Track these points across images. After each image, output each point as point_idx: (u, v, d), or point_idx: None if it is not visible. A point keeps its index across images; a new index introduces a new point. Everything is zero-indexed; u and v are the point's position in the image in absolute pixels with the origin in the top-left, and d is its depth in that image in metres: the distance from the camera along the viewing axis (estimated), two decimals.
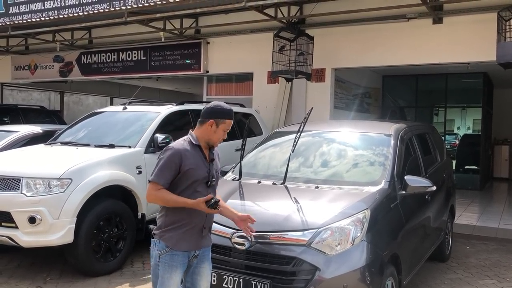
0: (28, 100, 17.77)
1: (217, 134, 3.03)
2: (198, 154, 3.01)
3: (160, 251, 2.98)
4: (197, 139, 3.04)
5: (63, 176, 5.00)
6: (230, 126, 3.07)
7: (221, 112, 3.03)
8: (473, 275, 5.55)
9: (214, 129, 3.01)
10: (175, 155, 2.92)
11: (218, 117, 3.01)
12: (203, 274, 3.12)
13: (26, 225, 4.87)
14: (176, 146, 2.97)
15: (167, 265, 2.96)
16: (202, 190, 3.00)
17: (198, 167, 2.98)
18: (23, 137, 7.31)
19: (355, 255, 3.45)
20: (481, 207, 9.59)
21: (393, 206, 4.02)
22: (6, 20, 10.68)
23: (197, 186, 2.98)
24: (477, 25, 7.55)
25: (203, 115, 3.05)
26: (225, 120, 3.03)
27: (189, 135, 3.08)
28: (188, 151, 2.96)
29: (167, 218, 3.01)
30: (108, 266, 5.34)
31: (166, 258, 2.96)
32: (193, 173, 2.95)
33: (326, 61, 8.77)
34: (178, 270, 2.99)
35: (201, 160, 3.01)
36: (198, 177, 2.97)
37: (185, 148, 2.96)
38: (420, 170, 4.98)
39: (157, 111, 6.48)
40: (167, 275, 2.96)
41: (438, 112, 14.85)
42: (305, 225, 3.54)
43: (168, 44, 10.44)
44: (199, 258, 3.09)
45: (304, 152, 4.81)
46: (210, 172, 3.05)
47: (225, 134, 3.08)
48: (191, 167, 2.94)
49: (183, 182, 2.94)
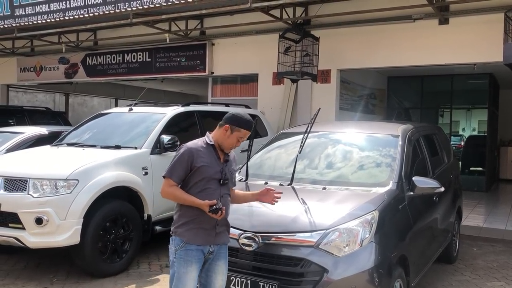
0: (33, 102, 17.81)
1: (229, 139, 3.12)
2: (211, 153, 3.13)
3: (176, 247, 3.07)
4: (212, 140, 3.16)
5: (69, 177, 5.01)
6: (245, 136, 3.16)
7: (239, 120, 3.13)
8: (481, 277, 5.52)
9: (228, 135, 3.11)
10: (187, 152, 3.05)
11: (235, 124, 3.11)
12: (218, 271, 3.19)
13: (33, 226, 4.87)
14: (189, 145, 3.11)
15: (182, 260, 3.04)
16: (214, 187, 3.10)
17: (210, 165, 3.09)
18: (29, 138, 7.33)
19: (363, 256, 3.42)
20: (488, 209, 9.55)
21: (401, 207, 4.00)
22: (12, 22, 10.74)
23: (208, 183, 3.07)
24: (483, 25, 7.51)
25: (224, 120, 3.17)
26: (241, 129, 3.12)
27: (206, 136, 3.21)
28: (201, 149, 3.09)
29: (181, 214, 3.12)
30: (115, 267, 5.34)
31: (181, 253, 3.05)
32: (206, 170, 3.06)
33: (331, 62, 8.75)
34: (194, 265, 3.06)
35: (214, 159, 3.12)
36: (210, 174, 3.07)
37: (198, 147, 3.10)
38: (427, 171, 4.95)
39: (163, 112, 6.48)
40: (183, 270, 3.04)
41: (444, 113, 14.81)
42: (313, 226, 3.52)
43: (173, 46, 10.45)
44: (215, 255, 3.16)
45: (311, 153, 4.79)
46: (223, 171, 3.14)
47: (238, 143, 3.16)
48: (203, 164, 3.05)
49: (194, 179, 3.06)
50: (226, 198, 3.20)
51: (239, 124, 3.11)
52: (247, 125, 3.14)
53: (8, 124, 9.69)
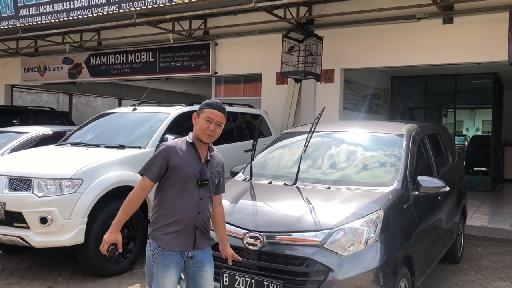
0: (37, 102, 17.84)
1: (199, 125, 3.00)
2: (191, 152, 3.01)
3: (153, 251, 2.94)
4: (192, 137, 3.06)
5: (74, 177, 5.02)
6: (212, 115, 2.97)
7: (202, 103, 3.07)
8: (486, 277, 5.49)
9: (196, 121, 3.03)
10: (163, 150, 2.95)
11: (199, 109, 3.05)
12: (206, 277, 3.06)
13: (37, 226, 4.88)
14: (168, 143, 3.03)
15: (160, 265, 2.92)
16: (193, 189, 2.97)
17: (188, 164, 2.96)
18: (33, 138, 7.35)
19: (368, 256, 3.41)
20: (492, 209, 9.51)
21: (406, 207, 3.99)
22: (16, 22, 10.78)
23: (186, 183, 2.95)
24: (488, 25, 7.49)
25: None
26: (204, 109, 3.01)
27: (188, 135, 3.11)
28: (180, 148, 2.99)
29: (158, 215, 2.98)
30: (119, 266, 5.34)
31: (159, 258, 2.92)
32: (182, 168, 2.93)
33: (335, 61, 8.74)
34: (172, 270, 2.93)
35: (193, 158, 3.00)
36: (187, 173, 2.94)
37: (176, 145, 2.99)
38: (432, 171, 4.93)
39: (167, 112, 6.48)
40: (161, 274, 2.92)
41: (447, 113, 14.77)
42: (317, 225, 3.52)
43: (176, 46, 10.46)
44: (200, 262, 3.02)
45: (315, 152, 4.78)
46: (203, 172, 3.00)
47: (211, 125, 2.97)
48: (179, 163, 2.93)
49: (171, 179, 2.94)
50: (205, 201, 3.02)
51: (201, 106, 3.04)
52: (209, 104, 3.03)
53: (13, 124, 9.71)
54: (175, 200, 2.94)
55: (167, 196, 2.96)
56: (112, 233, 2.90)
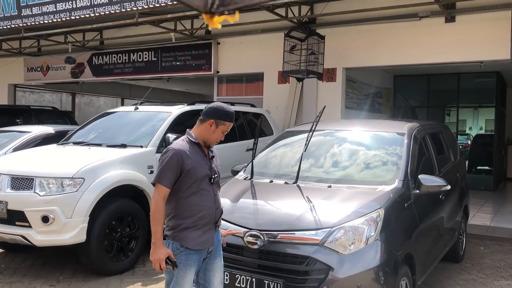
0: (40, 101, 17.87)
1: (215, 134, 3.03)
2: (198, 152, 3.02)
3: (175, 251, 2.96)
4: (196, 137, 3.04)
5: (75, 176, 5.03)
6: (229, 128, 3.07)
7: (223, 113, 3.02)
8: (488, 276, 5.48)
9: (213, 129, 3.01)
10: (175, 155, 2.91)
11: (219, 118, 3.01)
12: (216, 269, 3.15)
13: (39, 224, 4.90)
14: (175, 146, 2.97)
15: (182, 265, 2.96)
16: (206, 187, 3.01)
17: (200, 165, 2.99)
18: (36, 137, 7.37)
19: (369, 254, 3.41)
20: (495, 208, 9.48)
21: (407, 206, 3.98)
22: (19, 22, 10.78)
23: (200, 184, 2.99)
24: (490, 23, 7.46)
25: (204, 114, 3.06)
26: (225, 122, 3.03)
27: (187, 134, 3.08)
28: (188, 150, 2.97)
29: (177, 217, 2.99)
30: (120, 265, 5.36)
31: (182, 258, 2.96)
32: (195, 171, 2.96)
33: (337, 60, 8.73)
34: (192, 269, 3.01)
35: (201, 158, 3.02)
36: (200, 174, 2.98)
37: (184, 148, 2.96)
38: (433, 170, 4.92)
39: (169, 111, 6.49)
40: (181, 274, 2.97)
41: (450, 112, 14.70)
42: (318, 224, 3.52)
43: (178, 45, 10.47)
44: (212, 255, 3.13)
45: (316, 151, 4.77)
46: (212, 169, 3.06)
47: (223, 136, 3.08)
48: (192, 166, 2.94)
49: (186, 182, 2.95)
50: (218, 196, 3.13)
51: (224, 117, 3.02)
52: (231, 117, 3.05)
53: (16, 124, 9.74)
54: (195, 201, 2.97)
55: (184, 198, 2.96)
56: (158, 250, 2.87)
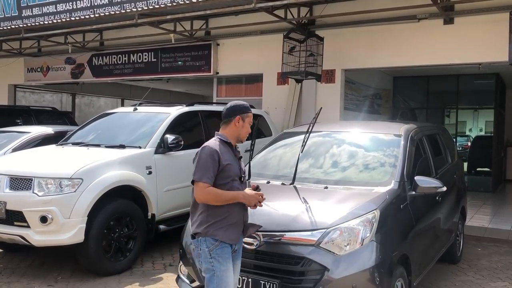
0: (40, 102, 17.91)
1: (244, 128, 3.21)
2: (229, 152, 3.15)
3: (210, 246, 3.01)
4: (227, 137, 3.17)
5: (74, 176, 5.05)
6: (251, 118, 3.26)
7: (243, 107, 3.24)
8: (485, 277, 5.49)
9: (241, 124, 3.19)
10: (213, 151, 3.02)
11: (242, 112, 3.21)
12: (235, 270, 3.20)
13: (37, 225, 4.92)
14: (210, 144, 3.08)
15: (221, 258, 3.01)
16: (237, 185, 3.12)
17: (233, 163, 3.11)
18: (35, 138, 7.39)
19: (364, 255, 3.43)
20: (493, 209, 9.50)
21: (402, 207, 4.00)
22: (19, 22, 10.83)
23: (233, 182, 3.09)
24: (488, 25, 7.47)
25: (228, 115, 3.21)
26: (248, 113, 3.24)
27: (217, 135, 3.19)
28: (222, 148, 3.08)
29: (209, 213, 3.05)
30: (118, 265, 5.38)
31: (218, 251, 3.02)
32: (231, 168, 3.07)
33: (336, 62, 8.74)
34: (230, 261, 3.06)
35: (233, 157, 3.16)
36: (234, 172, 3.09)
37: (217, 147, 3.07)
38: (430, 171, 4.94)
39: (167, 112, 6.51)
40: (223, 267, 3.02)
41: (450, 113, 14.73)
42: (314, 225, 3.54)
43: (178, 46, 10.49)
44: (235, 254, 3.17)
45: (314, 152, 4.80)
46: (241, 169, 3.19)
47: (249, 128, 3.24)
48: (229, 162, 3.06)
49: (221, 178, 3.03)
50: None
51: (245, 110, 3.23)
52: (250, 108, 3.28)
53: (16, 124, 9.77)
54: None
55: None
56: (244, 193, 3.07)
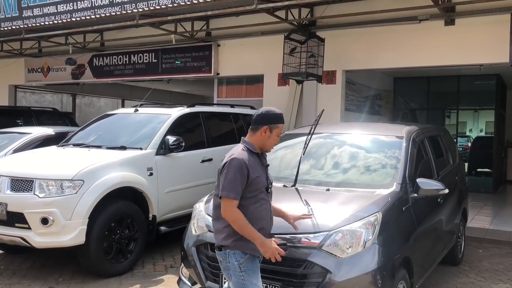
0: (41, 102, 17.90)
1: (271, 139, 3.02)
2: (257, 162, 3.00)
3: (239, 260, 2.92)
4: (254, 147, 3.02)
5: (75, 178, 5.05)
6: (281, 130, 3.07)
7: (274, 117, 3.01)
8: (486, 279, 5.49)
9: (268, 135, 3.00)
10: (243, 165, 2.87)
11: (271, 122, 3.00)
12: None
13: (38, 226, 4.92)
14: (239, 156, 2.91)
15: (251, 271, 2.92)
16: (265, 196, 3.00)
17: (261, 175, 2.97)
18: (36, 139, 7.39)
19: (366, 258, 3.42)
20: (494, 211, 9.49)
21: (405, 209, 3.99)
22: (20, 23, 10.83)
23: (261, 193, 2.97)
24: (489, 26, 7.46)
25: (256, 122, 3.03)
26: (278, 125, 3.02)
27: (244, 143, 3.04)
28: (250, 160, 2.93)
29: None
30: (119, 267, 5.38)
31: (248, 265, 2.92)
32: (259, 180, 2.94)
33: (337, 63, 8.73)
34: (259, 273, 2.96)
35: (260, 167, 3.00)
36: (261, 184, 2.96)
37: (246, 157, 2.92)
38: (432, 173, 4.94)
39: (168, 113, 6.51)
40: (254, 281, 2.93)
41: (450, 114, 14.73)
42: (316, 227, 3.52)
43: (179, 47, 10.48)
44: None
45: (315, 154, 4.79)
46: (268, 178, 3.05)
47: (277, 139, 3.07)
48: (257, 175, 2.93)
49: (249, 191, 2.91)
50: (271, 207, 3.11)
51: (276, 120, 3.01)
52: (282, 119, 3.05)
53: (16, 125, 9.76)
54: (255, 210, 2.94)
55: (243, 207, 2.91)
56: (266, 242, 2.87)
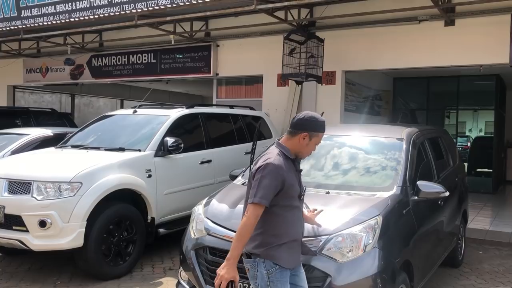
0: (39, 103, 17.85)
1: (308, 147, 2.88)
2: (292, 168, 2.88)
3: (269, 270, 2.81)
4: (290, 153, 2.88)
5: (73, 180, 5.02)
6: (321, 139, 2.92)
7: (315, 124, 2.87)
8: (487, 281, 5.46)
9: (306, 142, 2.86)
10: (278, 170, 2.74)
11: (312, 129, 2.85)
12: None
13: (36, 229, 4.89)
14: (275, 162, 2.77)
15: (279, 283, 2.82)
16: (297, 204, 2.92)
17: (295, 182, 2.87)
18: (34, 140, 7.35)
19: (366, 262, 3.39)
20: (494, 211, 9.46)
21: (405, 212, 3.96)
22: (18, 23, 10.78)
23: (294, 200, 2.87)
24: (489, 27, 7.44)
25: (296, 126, 2.88)
26: (319, 133, 2.88)
27: (280, 147, 2.90)
28: (286, 166, 2.80)
29: (269, 234, 2.83)
30: (118, 269, 5.34)
31: (277, 276, 2.82)
32: (293, 188, 2.84)
33: (336, 63, 8.71)
34: (288, 285, 2.87)
35: (294, 174, 2.89)
36: (295, 192, 2.87)
37: (281, 163, 2.79)
38: (432, 175, 4.91)
39: (167, 115, 6.47)
40: None
41: (450, 114, 14.71)
42: (316, 231, 3.49)
43: (178, 47, 10.45)
44: (295, 277, 2.98)
45: (315, 156, 4.74)
46: (301, 185, 2.95)
47: (315, 148, 2.94)
48: (292, 182, 2.81)
49: (282, 198, 2.80)
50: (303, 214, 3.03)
51: (317, 128, 2.86)
52: (324, 128, 2.89)
53: (15, 125, 9.72)
54: (288, 218, 2.85)
55: (277, 215, 2.82)
56: (229, 269, 2.68)
